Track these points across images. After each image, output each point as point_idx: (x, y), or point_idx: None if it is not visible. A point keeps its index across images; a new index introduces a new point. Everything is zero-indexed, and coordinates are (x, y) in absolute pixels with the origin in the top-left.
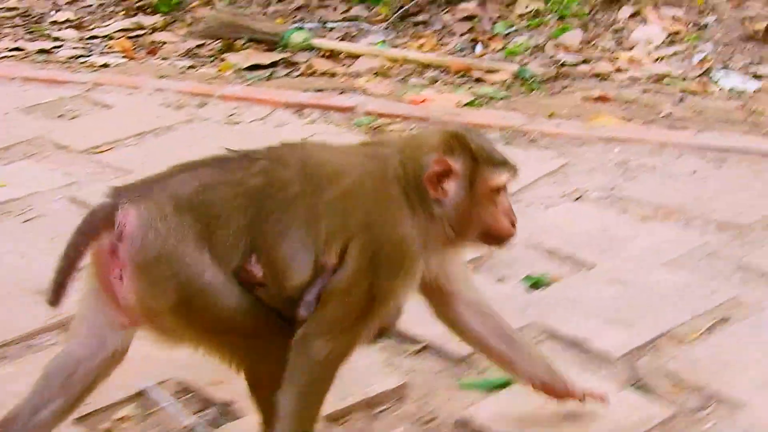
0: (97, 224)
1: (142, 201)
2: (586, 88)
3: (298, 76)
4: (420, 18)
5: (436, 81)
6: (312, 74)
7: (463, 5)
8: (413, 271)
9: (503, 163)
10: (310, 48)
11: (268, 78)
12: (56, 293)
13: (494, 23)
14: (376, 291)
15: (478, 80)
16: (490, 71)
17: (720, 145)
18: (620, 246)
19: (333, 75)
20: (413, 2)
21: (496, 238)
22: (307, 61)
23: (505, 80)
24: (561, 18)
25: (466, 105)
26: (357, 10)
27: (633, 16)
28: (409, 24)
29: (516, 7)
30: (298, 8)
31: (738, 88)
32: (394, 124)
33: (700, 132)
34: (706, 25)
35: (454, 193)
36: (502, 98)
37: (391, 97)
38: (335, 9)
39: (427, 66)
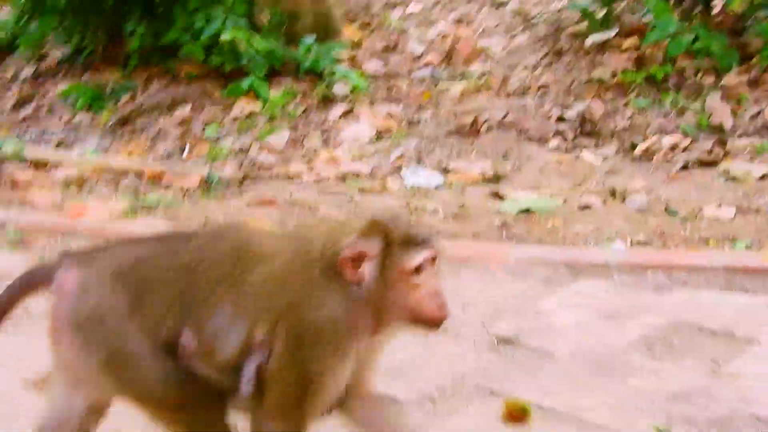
0: (38, 279)
1: (84, 266)
2: (267, 191)
3: None
4: (138, 123)
5: (105, 188)
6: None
7: (180, 110)
8: (343, 352)
9: (418, 243)
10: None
11: None
12: None
13: (206, 126)
14: (308, 374)
15: (167, 187)
16: (182, 176)
17: None
18: None
19: (29, 186)
20: (134, 108)
21: (424, 322)
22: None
23: (191, 186)
24: (271, 119)
25: (124, 214)
26: (80, 116)
27: (347, 114)
28: (127, 130)
29: (233, 110)
30: (24, 118)
31: (421, 185)
32: (42, 238)
33: None
34: (419, 121)
35: (370, 277)
36: (168, 205)
37: (54, 209)
38: (60, 117)
39: (124, 173)
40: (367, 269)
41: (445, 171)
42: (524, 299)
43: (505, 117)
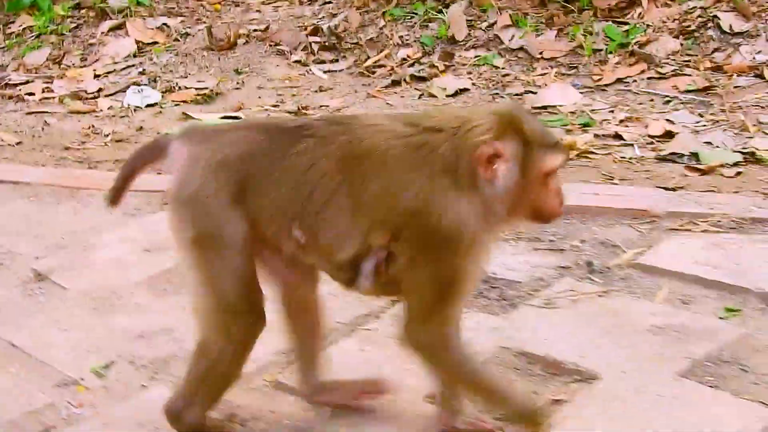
0: (154, 151)
1: (197, 145)
2: None
3: None
4: None
5: None
6: None
7: None
8: (477, 247)
9: (556, 146)
10: None
11: None
12: (113, 197)
13: None
14: (443, 277)
15: None
16: None
17: None
18: None
19: None
20: None
21: (543, 217)
22: None
23: None
24: (38, 36)
25: None
26: None
27: (116, 28)
28: None
29: (14, 25)
30: None
31: (136, 104)
32: None
33: None
34: (187, 35)
35: (505, 176)
36: None
37: None
38: None
39: None
40: (503, 168)
41: (170, 90)
42: (90, 233)
43: (266, 28)
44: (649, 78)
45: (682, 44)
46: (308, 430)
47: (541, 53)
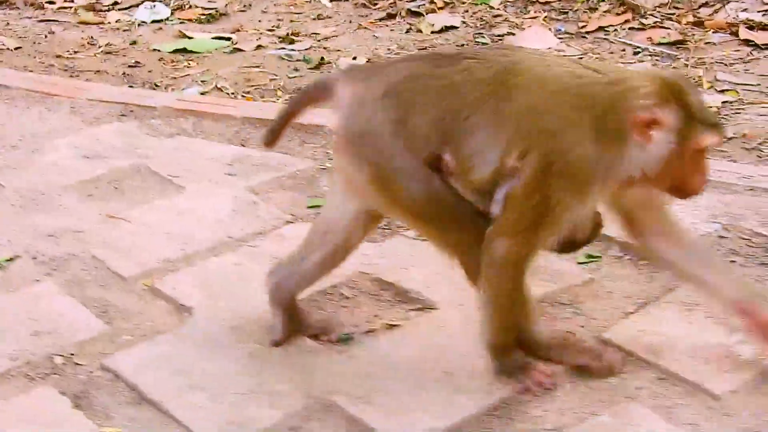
0: (319, 91)
1: (361, 82)
2: None
3: None
4: None
5: None
6: None
7: None
8: (587, 193)
9: (716, 125)
10: None
11: None
12: (271, 137)
13: None
14: (548, 202)
15: None
16: None
17: None
18: None
19: None
20: None
21: (683, 192)
22: None
23: None
24: None
25: None
26: None
27: None
28: None
29: None
30: None
31: (144, 19)
32: None
33: None
34: None
35: (659, 144)
36: None
37: None
38: None
39: None
40: (659, 136)
41: (181, 8)
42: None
43: None
44: (630, 28)
45: None
46: (180, 334)
47: None
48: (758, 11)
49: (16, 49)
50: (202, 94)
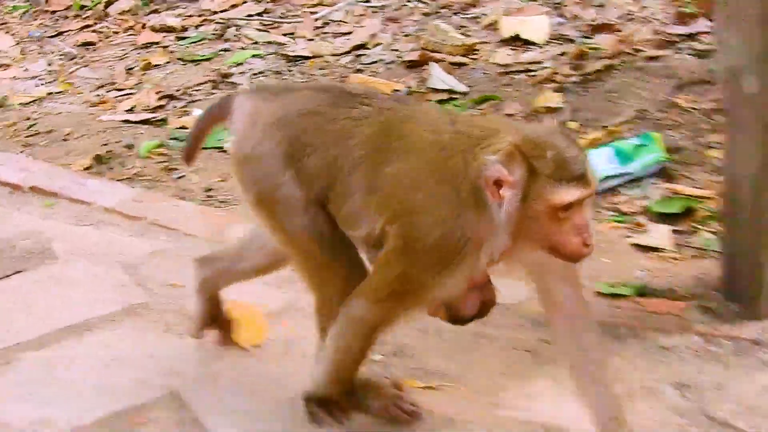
0: (222, 109)
1: (260, 103)
2: None
3: None
4: None
5: None
6: None
7: None
8: (453, 268)
9: (573, 180)
10: None
11: None
12: (188, 156)
13: None
14: (408, 277)
15: None
16: None
17: None
18: None
19: None
20: None
21: (562, 255)
22: None
23: None
24: None
25: None
26: None
27: None
28: None
29: None
30: None
31: None
32: None
33: None
34: None
35: (510, 203)
36: None
37: None
38: None
39: None
40: (508, 194)
41: None
42: None
43: None
44: None
45: None
46: None
47: None
48: None
49: None
50: None
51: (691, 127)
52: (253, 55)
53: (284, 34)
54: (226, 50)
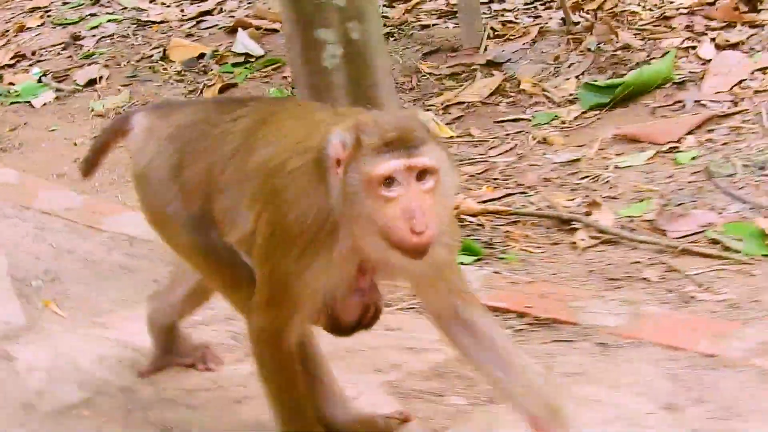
0: (122, 124)
1: (156, 119)
2: None
3: None
4: None
5: None
6: None
7: None
8: (311, 256)
9: (392, 149)
10: None
11: None
12: (86, 168)
13: None
14: (277, 272)
15: None
16: None
17: None
18: None
19: None
20: None
21: (394, 245)
22: None
23: None
24: None
25: None
26: None
27: None
28: None
29: None
30: None
31: None
32: None
33: None
34: None
35: (339, 181)
36: None
37: None
38: None
39: None
40: (339, 171)
41: None
42: None
43: None
44: None
45: None
46: None
47: None
48: None
49: None
50: None
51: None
52: (109, 20)
53: (151, 1)
54: (94, 15)
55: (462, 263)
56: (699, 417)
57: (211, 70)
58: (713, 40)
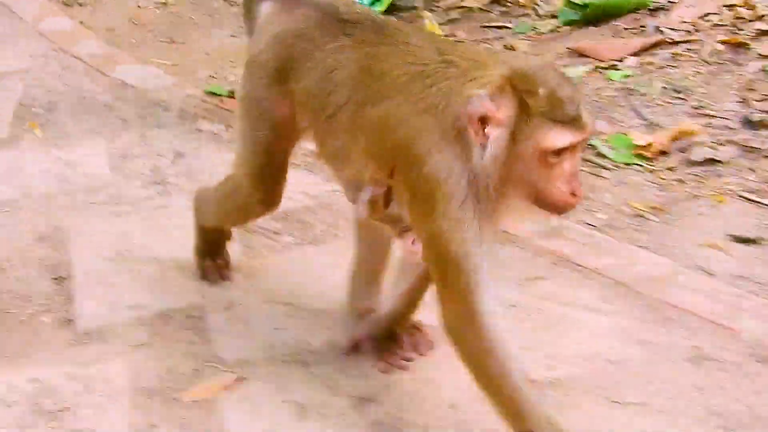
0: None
1: (277, 10)
2: None
3: None
4: None
5: None
6: None
7: None
8: (462, 212)
9: (568, 122)
10: None
11: None
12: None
13: None
14: (437, 234)
15: None
16: None
17: None
18: None
19: None
20: None
21: (547, 205)
22: None
23: None
24: None
25: None
26: None
27: None
28: None
29: None
30: None
31: None
32: None
33: None
34: None
35: (495, 145)
36: None
37: None
38: None
39: None
40: (494, 134)
41: None
42: None
43: None
44: None
45: None
46: None
47: None
48: None
49: None
50: None
51: None
52: None
53: None
54: None
55: None
56: None
57: None
58: None
